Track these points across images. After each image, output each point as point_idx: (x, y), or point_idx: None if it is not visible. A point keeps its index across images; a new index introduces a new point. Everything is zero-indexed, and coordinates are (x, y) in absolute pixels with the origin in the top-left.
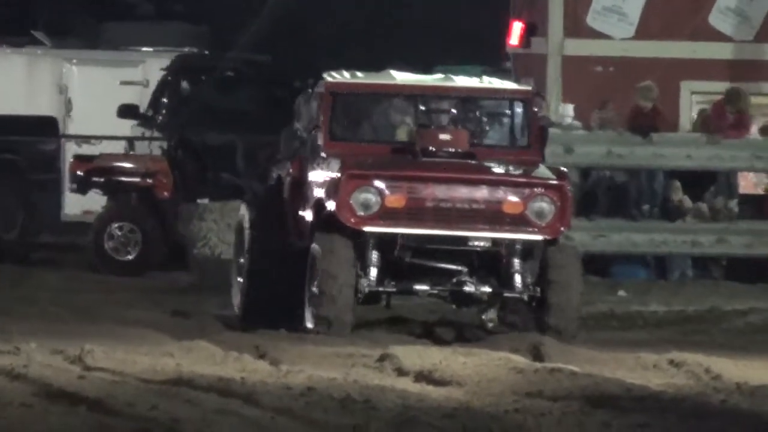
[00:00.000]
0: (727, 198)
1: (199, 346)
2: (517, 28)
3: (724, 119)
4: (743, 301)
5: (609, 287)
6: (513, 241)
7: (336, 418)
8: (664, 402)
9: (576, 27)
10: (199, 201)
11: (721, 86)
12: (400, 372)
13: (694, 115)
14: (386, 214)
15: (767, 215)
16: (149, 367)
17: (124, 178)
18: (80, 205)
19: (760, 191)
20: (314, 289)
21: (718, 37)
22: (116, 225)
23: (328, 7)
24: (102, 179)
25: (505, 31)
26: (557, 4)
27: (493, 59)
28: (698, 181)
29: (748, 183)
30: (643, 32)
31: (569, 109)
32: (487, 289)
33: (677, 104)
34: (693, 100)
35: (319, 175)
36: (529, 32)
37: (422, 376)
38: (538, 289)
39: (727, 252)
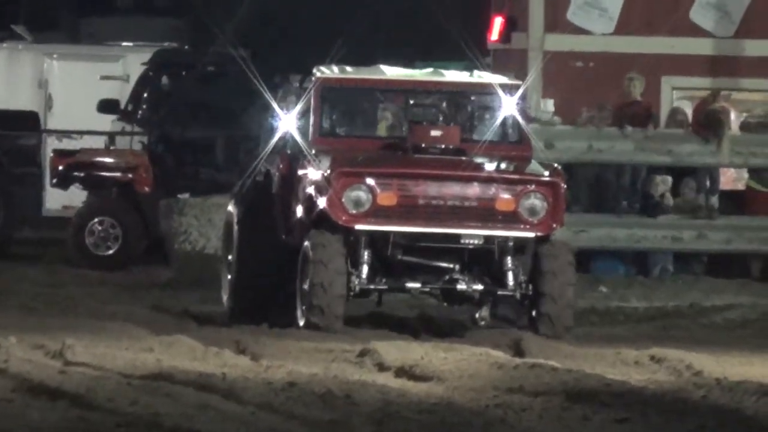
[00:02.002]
0: (708, 194)
1: (179, 341)
2: (497, 23)
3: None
4: (723, 296)
5: (590, 283)
6: (505, 239)
7: (317, 413)
8: (645, 397)
9: (556, 22)
10: (179, 196)
11: (702, 82)
12: (381, 367)
13: None
14: (378, 212)
15: (747, 211)
16: (130, 362)
17: (104, 173)
18: (61, 199)
19: (740, 187)
20: (305, 287)
21: (699, 32)
22: (97, 220)
23: (309, 2)
24: (82, 174)
25: (485, 26)
26: None
27: (473, 55)
28: (679, 177)
29: (727, 179)
30: (623, 27)
31: (549, 105)
32: (479, 286)
33: (658, 99)
34: (674, 96)
35: (309, 172)
36: (510, 27)
37: (403, 372)
38: (531, 287)
39: (706, 248)
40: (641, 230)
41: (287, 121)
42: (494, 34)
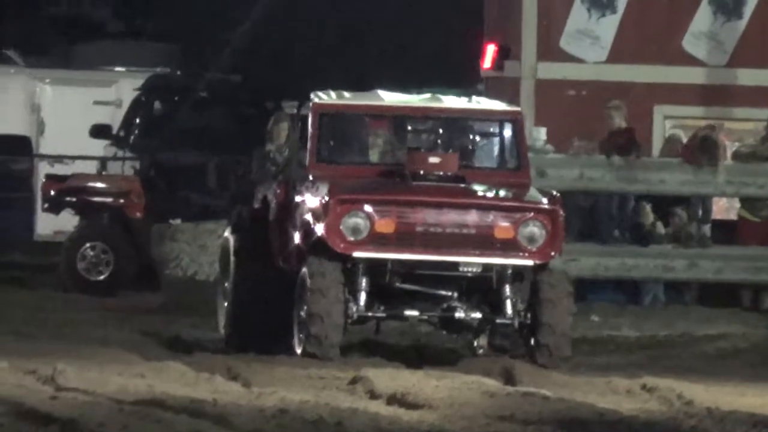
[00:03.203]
0: (701, 223)
1: (170, 367)
2: (490, 51)
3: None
4: (714, 326)
5: (581, 312)
6: (504, 267)
7: None
8: (636, 427)
9: (549, 50)
10: (171, 221)
11: (694, 111)
12: (372, 395)
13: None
14: (376, 239)
15: (738, 241)
16: (121, 388)
17: (96, 198)
18: (52, 224)
19: (731, 216)
20: (303, 314)
21: (691, 61)
22: (88, 245)
23: (300, 28)
24: (74, 199)
25: (478, 54)
26: (530, 27)
27: (467, 82)
28: (671, 206)
29: (719, 208)
30: (616, 56)
31: (542, 133)
32: (477, 315)
33: (650, 128)
34: (666, 125)
35: (306, 199)
36: (502, 55)
37: (394, 399)
38: (529, 315)
39: (697, 277)
40: (632, 259)
41: (272, 147)
42: (487, 62)
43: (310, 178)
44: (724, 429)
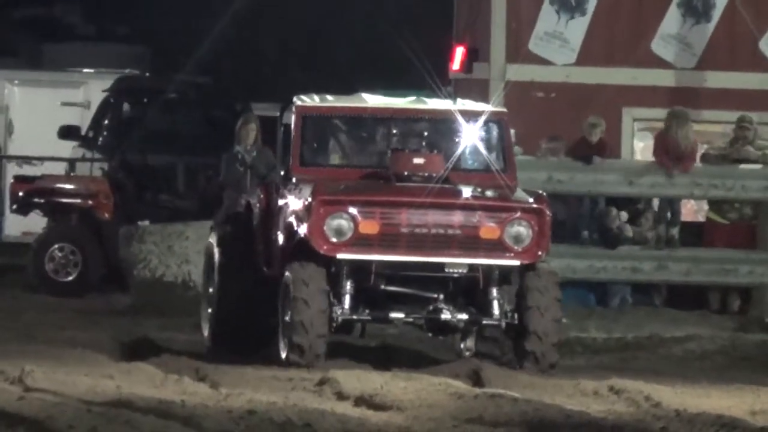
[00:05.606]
0: (669, 225)
1: (138, 368)
2: (458, 53)
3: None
4: (682, 328)
5: None
6: (490, 267)
7: None
8: (604, 429)
9: (518, 52)
10: (139, 223)
11: (663, 113)
12: (340, 396)
13: (636, 141)
14: (360, 241)
15: (706, 243)
16: (89, 389)
17: (64, 200)
18: (20, 225)
19: (700, 219)
20: (287, 318)
21: (660, 63)
22: (56, 246)
23: (270, 31)
24: (42, 200)
25: (446, 56)
26: (499, 29)
27: (435, 85)
28: (639, 209)
29: (688, 210)
30: (585, 58)
31: (511, 135)
32: (464, 316)
33: (619, 131)
34: (635, 127)
35: (290, 202)
36: (471, 57)
37: (362, 401)
38: (516, 317)
39: (666, 279)
40: (601, 261)
41: (240, 149)
42: (456, 64)
43: (294, 181)
44: (691, 431)
